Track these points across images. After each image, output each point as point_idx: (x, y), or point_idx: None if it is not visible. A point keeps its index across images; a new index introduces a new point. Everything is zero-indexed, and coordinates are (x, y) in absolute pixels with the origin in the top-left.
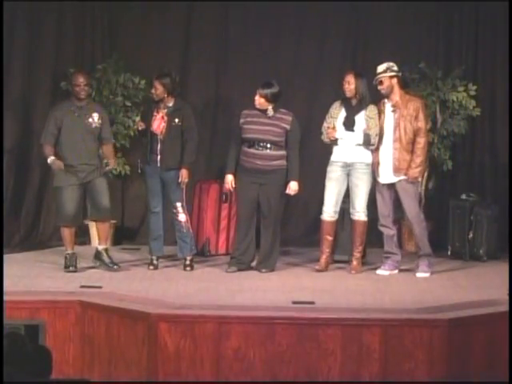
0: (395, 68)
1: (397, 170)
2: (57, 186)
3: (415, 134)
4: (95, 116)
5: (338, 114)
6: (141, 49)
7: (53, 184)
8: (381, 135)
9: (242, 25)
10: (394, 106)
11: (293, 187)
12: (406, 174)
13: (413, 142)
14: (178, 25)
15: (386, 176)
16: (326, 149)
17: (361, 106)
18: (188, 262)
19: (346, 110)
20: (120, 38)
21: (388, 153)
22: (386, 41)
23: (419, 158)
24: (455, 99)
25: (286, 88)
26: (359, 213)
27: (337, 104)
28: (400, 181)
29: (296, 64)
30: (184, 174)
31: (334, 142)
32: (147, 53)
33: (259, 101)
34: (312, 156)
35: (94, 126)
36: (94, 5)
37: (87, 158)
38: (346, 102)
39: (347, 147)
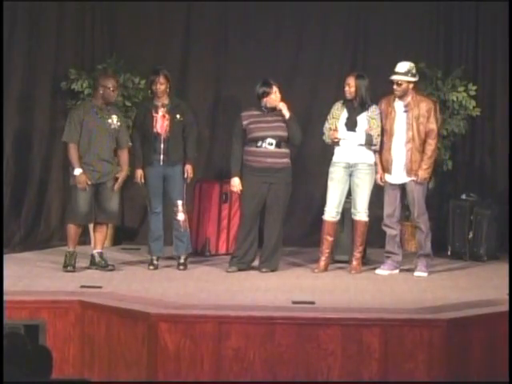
0: (414, 71)
1: (409, 171)
2: (74, 184)
3: (427, 135)
4: (115, 118)
5: (340, 114)
6: (141, 49)
7: (70, 181)
8: (391, 134)
9: (241, 25)
10: (406, 106)
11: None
12: (415, 175)
13: (424, 143)
14: (178, 25)
15: (398, 176)
16: (327, 149)
17: (362, 107)
18: (182, 261)
19: (348, 111)
20: (120, 38)
21: (400, 153)
22: (385, 41)
23: (430, 160)
24: (455, 99)
25: (286, 88)
26: (360, 213)
27: (338, 105)
28: (410, 181)
29: (296, 64)
30: (189, 169)
31: (336, 142)
32: (147, 53)
33: (279, 95)
34: (312, 156)
35: (113, 127)
36: (93, 5)
37: (104, 159)
38: (347, 103)
39: (349, 148)
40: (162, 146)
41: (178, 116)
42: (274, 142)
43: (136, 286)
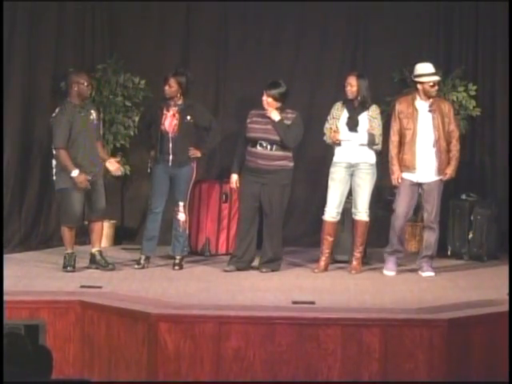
0: None
1: (437, 170)
2: (64, 188)
3: (450, 135)
4: (94, 113)
5: (341, 114)
6: (141, 49)
7: (58, 185)
8: (414, 134)
9: (241, 25)
10: (431, 105)
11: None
12: (444, 174)
13: (449, 143)
14: (178, 25)
15: (422, 175)
16: (327, 149)
17: (363, 106)
18: (177, 261)
19: (349, 111)
20: (120, 37)
21: (426, 152)
22: (386, 41)
23: (457, 160)
24: (455, 99)
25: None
26: (361, 213)
27: (338, 105)
28: (435, 181)
29: (296, 64)
30: (195, 151)
31: (337, 143)
32: (147, 53)
33: (267, 101)
34: (312, 156)
35: (95, 122)
36: (93, 5)
37: (95, 158)
38: (347, 103)
39: (350, 148)
40: (170, 145)
41: (188, 117)
42: (266, 144)
43: (136, 286)
